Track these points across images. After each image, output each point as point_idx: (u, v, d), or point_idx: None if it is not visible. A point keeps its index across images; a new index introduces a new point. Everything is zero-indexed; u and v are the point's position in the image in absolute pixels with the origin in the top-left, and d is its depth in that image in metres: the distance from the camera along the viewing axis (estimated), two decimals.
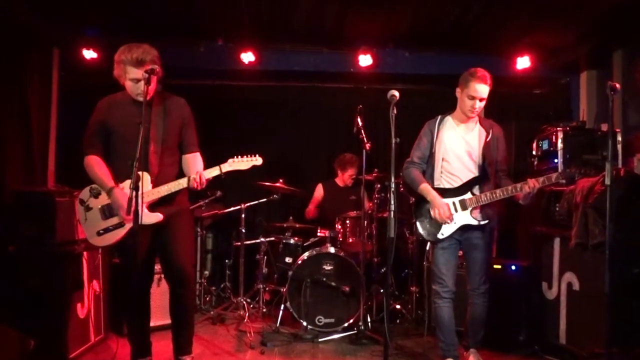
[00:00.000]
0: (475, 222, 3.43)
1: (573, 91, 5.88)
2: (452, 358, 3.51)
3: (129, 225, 3.07)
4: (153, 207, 3.12)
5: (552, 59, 5.63)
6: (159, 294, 3.97)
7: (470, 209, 3.42)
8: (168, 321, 3.43)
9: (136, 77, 3.04)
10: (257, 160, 3.28)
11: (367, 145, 4.29)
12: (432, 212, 3.45)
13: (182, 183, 3.14)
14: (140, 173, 2.76)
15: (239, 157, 3.25)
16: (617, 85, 2.92)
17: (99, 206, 3.15)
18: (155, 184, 3.12)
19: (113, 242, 3.13)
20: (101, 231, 3.13)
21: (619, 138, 4.17)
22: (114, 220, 3.13)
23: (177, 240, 3.22)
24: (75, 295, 3.63)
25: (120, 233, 3.11)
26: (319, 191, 5.78)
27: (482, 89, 3.38)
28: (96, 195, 3.15)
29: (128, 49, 3.08)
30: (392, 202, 2.83)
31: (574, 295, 3.72)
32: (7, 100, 4.62)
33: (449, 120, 3.58)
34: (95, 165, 3.15)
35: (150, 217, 3.08)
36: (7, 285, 3.33)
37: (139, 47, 3.08)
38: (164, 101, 3.27)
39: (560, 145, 4.14)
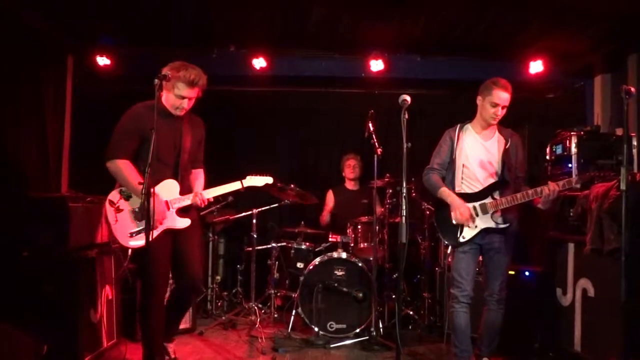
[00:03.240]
0: (495, 226, 3.47)
1: (587, 95, 5.82)
2: None
3: (161, 228, 3.27)
4: (180, 213, 3.39)
5: (565, 63, 5.59)
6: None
7: (490, 212, 3.46)
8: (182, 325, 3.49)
9: (186, 95, 3.24)
10: (269, 179, 3.80)
11: (379, 150, 4.28)
12: (452, 215, 3.49)
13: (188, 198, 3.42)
14: (170, 181, 3.33)
15: (255, 174, 3.75)
16: (632, 89, 2.88)
17: (131, 209, 3.27)
18: (181, 192, 3.40)
19: (144, 244, 3.20)
20: (133, 233, 3.24)
21: (634, 142, 4.11)
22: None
23: (192, 249, 3.44)
24: (88, 301, 3.65)
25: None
26: (330, 197, 5.77)
27: (504, 97, 3.46)
28: (127, 197, 3.27)
29: (184, 67, 3.23)
30: (404, 207, 2.82)
31: (589, 302, 3.67)
32: (23, 106, 4.68)
33: (468, 128, 3.65)
34: (126, 169, 3.24)
35: (181, 222, 3.37)
36: (21, 290, 3.35)
37: (194, 68, 3.26)
38: (190, 118, 3.49)
39: (574, 150, 4.09)
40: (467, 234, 3.48)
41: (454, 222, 3.52)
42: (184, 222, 3.39)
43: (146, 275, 3.28)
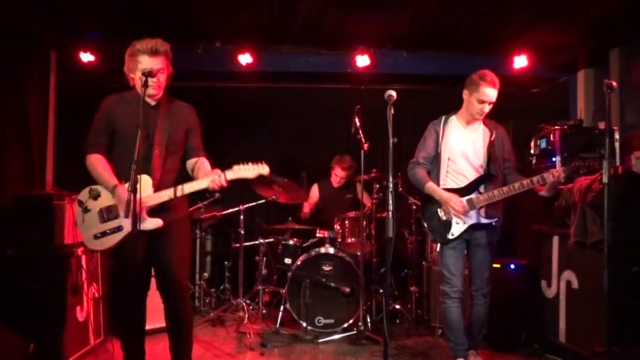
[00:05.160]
0: (484, 221, 3.46)
1: (570, 90, 5.88)
2: (462, 358, 3.52)
3: (126, 230, 2.93)
4: (152, 212, 2.97)
5: (549, 58, 5.63)
6: (154, 297, 3.85)
7: (478, 207, 3.43)
8: (163, 324, 3.30)
9: (150, 66, 2.96)
10: (264, 169, 3.00)
11: (365, 146, 4.30)
12: (444, 209, 3.46)
13: (203, 183, 2.98)
14: (139, 176, 2.77)
15: (244, 163, 3.01)
16: (614, 83, 2.92)
17: (98, 208, 3.01)
18: (157, 188, 3.00)
19: (109, 246, 2.99)
20: (98, 234, 2.99)
21: (617, 136, 4.18)
22: (112, 224, 2.99)
23: (173, 250, 3.09)
24: (75, 299, 3.62)
25: (117, 237, 2.97)
26: (315, 191, 5.76)
27: (492, 93, 3.42)
28: (95, 197, 3.02)
29: (141, 40, 3.05)
30: (391, 202, 2.83)
31: (573, 294, 3.72)
32: (6, 103, 4.61)
33: (453, 120, 3.61)
34: (99, 164, 3.02)
35: (150, 223, 2.94)
36: (7, 289, 3.32)
37: (153, 38, 3.07)
38: (171, 105, 3.20)
39: (558, 143, 4.15)
40: (456, 230, 3.46)
41: (442, 218, 3.51)
42: (152, 223, 2.94)
43: (114, 280, 3.10)
